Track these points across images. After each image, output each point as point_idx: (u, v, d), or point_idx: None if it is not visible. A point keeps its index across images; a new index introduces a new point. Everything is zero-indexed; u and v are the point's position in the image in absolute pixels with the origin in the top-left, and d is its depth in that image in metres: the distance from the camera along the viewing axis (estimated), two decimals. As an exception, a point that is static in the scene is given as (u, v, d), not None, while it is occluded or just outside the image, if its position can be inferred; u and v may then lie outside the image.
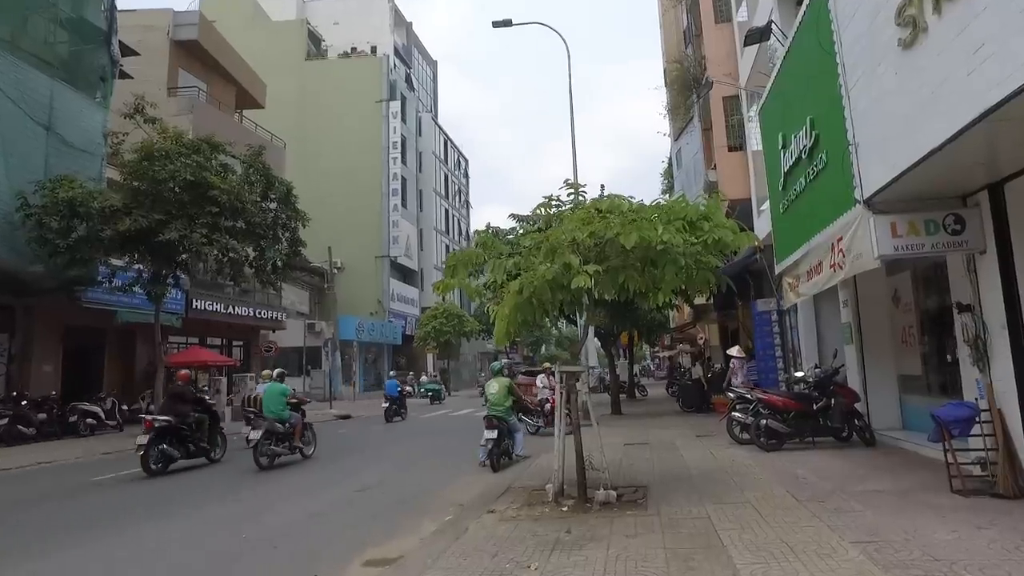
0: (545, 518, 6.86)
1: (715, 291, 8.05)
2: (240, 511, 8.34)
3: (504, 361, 12.26)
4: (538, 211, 8.52)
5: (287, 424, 12.41)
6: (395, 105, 45.24)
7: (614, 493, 7.53)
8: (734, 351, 19.10)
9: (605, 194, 11.96)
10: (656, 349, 43.98)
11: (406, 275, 48.13)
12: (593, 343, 16.39)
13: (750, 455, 10.10)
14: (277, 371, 13.84)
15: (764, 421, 10.27)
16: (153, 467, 11.31)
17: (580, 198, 8.32)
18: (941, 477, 7.27)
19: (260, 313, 28.45)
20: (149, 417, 11.89)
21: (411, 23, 57.91)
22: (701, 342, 33.97)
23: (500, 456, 11.07)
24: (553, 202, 8.24)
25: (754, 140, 17.07)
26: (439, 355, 45.48)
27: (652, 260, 7.24)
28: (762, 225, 15.67)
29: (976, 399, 7.11)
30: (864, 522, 5.82)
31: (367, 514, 7.96)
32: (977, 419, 6.77)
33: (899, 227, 7.17)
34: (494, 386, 11.57)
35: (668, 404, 21.63)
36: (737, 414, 11.29)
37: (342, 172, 42.89)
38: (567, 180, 8.36)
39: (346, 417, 25.52)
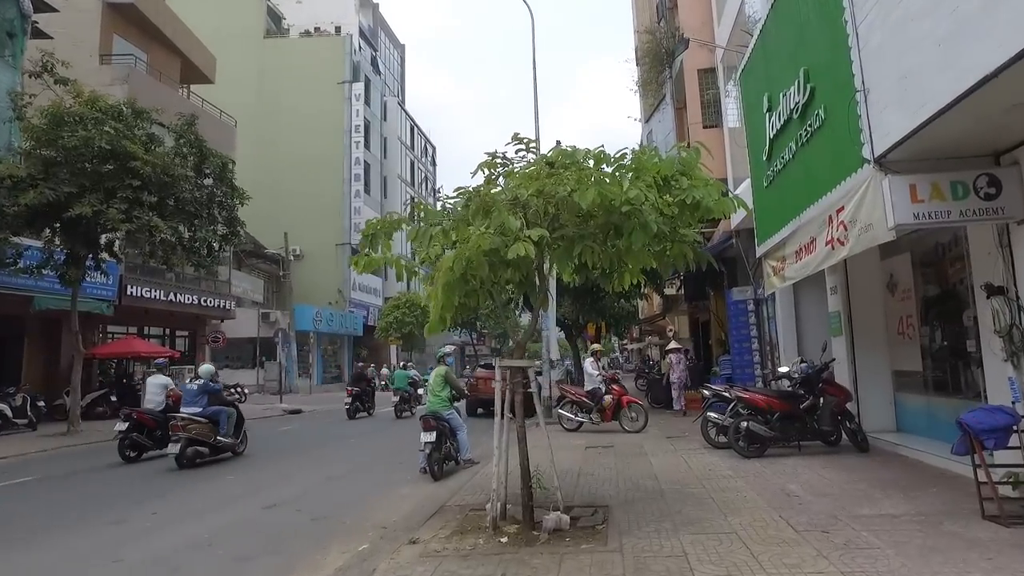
0: (477, 554, 5.32)
1: (693, 269, 6.56)
2: (112, 537, 6.65)
3: (449, 348, 10.66)
4: (481, 170, 6.94)
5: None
6: (359, 87, 43.16)
7: (567, 518, 6.03)
8: (672, 345, 18.39)
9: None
10: (625, 341, 42.78)
11: (370, 264, 46.18)
12: (554, 334, 14.84)
13: (729, 462, 8.68)
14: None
15: (744, 424, 8.86)
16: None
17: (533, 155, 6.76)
18: (963, 496, 5.93)
19: (206, 301, 26.43)
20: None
21: (378, 4, 55.72)
22: (671, 334, 32.79)
23: (442, 462, 9.54)
24: (498, 159, 6.65)
25: (731, 117, 15.71)
26: (403, 347, 43.71)
27: (616, 227, 5.72)
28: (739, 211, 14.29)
29: (1013, 402, 5.73)
30: (889, 567, 4.38)
31: (264, 540, 6.35)
32: (1015, 428, 5.38)
33: (920, 190, 5.75)
34: (432, 377, 10.04)
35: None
36: (713, 415, 9.89)
37: (302, 156, 40.74)
38: (516, 134, 6.74)
39: (296, 412, 23.73)
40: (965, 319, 7.89)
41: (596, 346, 14.10)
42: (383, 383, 40.00)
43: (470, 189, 5.71)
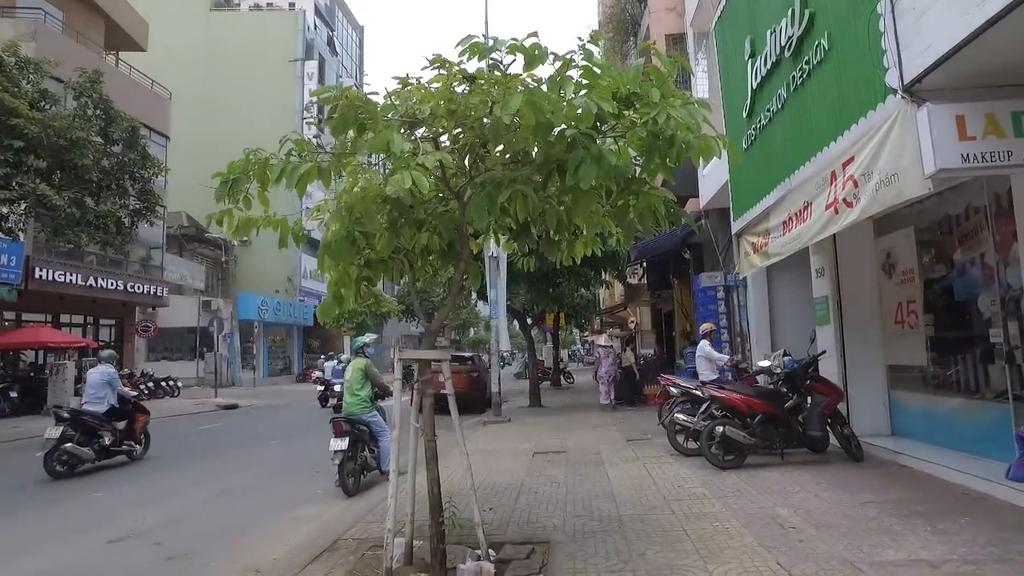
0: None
1: (666, 228, 4.97)
2: None
3: (369, 337, 8.78)
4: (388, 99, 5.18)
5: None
6: (311, 65, 40.77)
7: (490, 566, 4.39)
8: (601, 339, 17.49)
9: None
10: (586, 333, 41.40)
11: (322, 251, 43.90)
12: (504, 323, 13.17)
13: (701, 475, 7.14)
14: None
15: (720, 428, 7.31)
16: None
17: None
18: (1012, 530, 4.46)
19: (134, 287, 24.09)
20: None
21: (335, -18, 53.15)
22: (632, 326, 31.46)
23: (360, 473, 7.84)
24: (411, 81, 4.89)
25: (701, 87, 14.21)
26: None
27: (559, 166, 4.06)
28: (709, 187, 12.85)
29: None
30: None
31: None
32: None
33: (970, 124, 4.23)
34: (349, 372, 8.28)
35: (595, 394, 18.77)
36: (682, 417, 8.36)
37: (250, 136, 37.81)
38: (435, 55, 4.95)
39: (231, 407, 21.64)
40: (983, 304, 6.47)
41: (708, 325, 11.91)
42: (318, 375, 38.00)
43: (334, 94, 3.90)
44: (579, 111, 3.52)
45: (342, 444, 7.56)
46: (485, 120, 3.90)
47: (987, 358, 6.46)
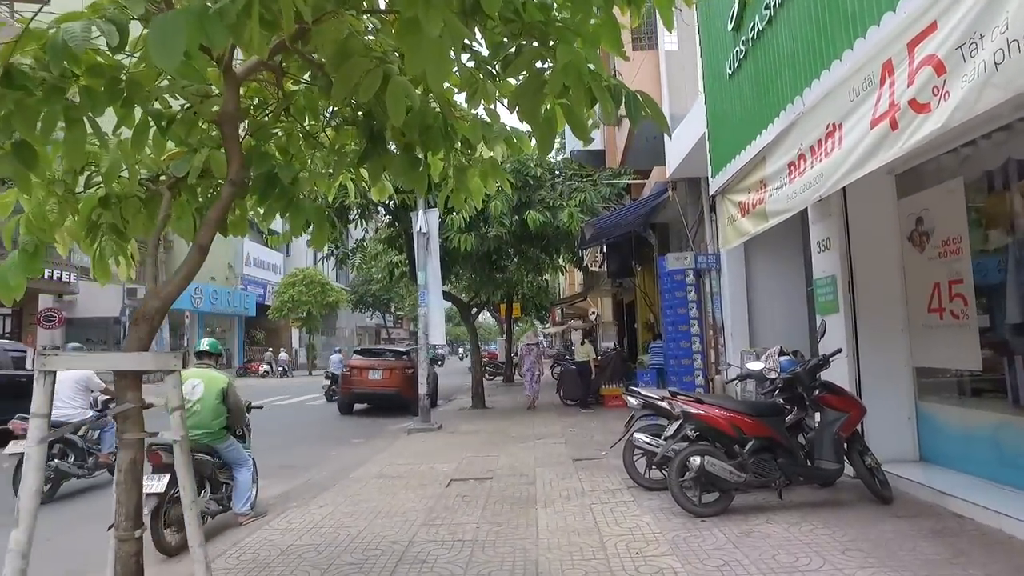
0: None
1: (611, 122, 2.66)
2: None
3: (206, 343, 6.22)
4: None
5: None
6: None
7: None
8: (525, 337, 16.42)
9: None
10: (547, 325, 39.23)
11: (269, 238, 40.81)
12: (438, 311, 10.76)
13: (671, 530, 4.86)
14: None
15: (698, 460, 5.03)
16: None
17: None
18: None
19: (33, 271, 20.99)
20: None
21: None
22: (592, 317, 29.35)
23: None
24: None
25: (667, 37, 11.94)
26: (312, 329, 38.66)
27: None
28: (677, 152, 10.64)
29: None
30: None
31: None
32: None
33: None
34: (192, 386, 5.78)
35: (549, 392, 16.53)
36: (643, 438, 6.09)
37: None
38: None
39: (146, 407, 18.77)
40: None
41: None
42: (281, 368, 35.15)
43: None
44: None
45: (158, 484, 5.11)
46: None
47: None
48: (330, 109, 3.71)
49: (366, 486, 6.96)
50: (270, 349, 36.86)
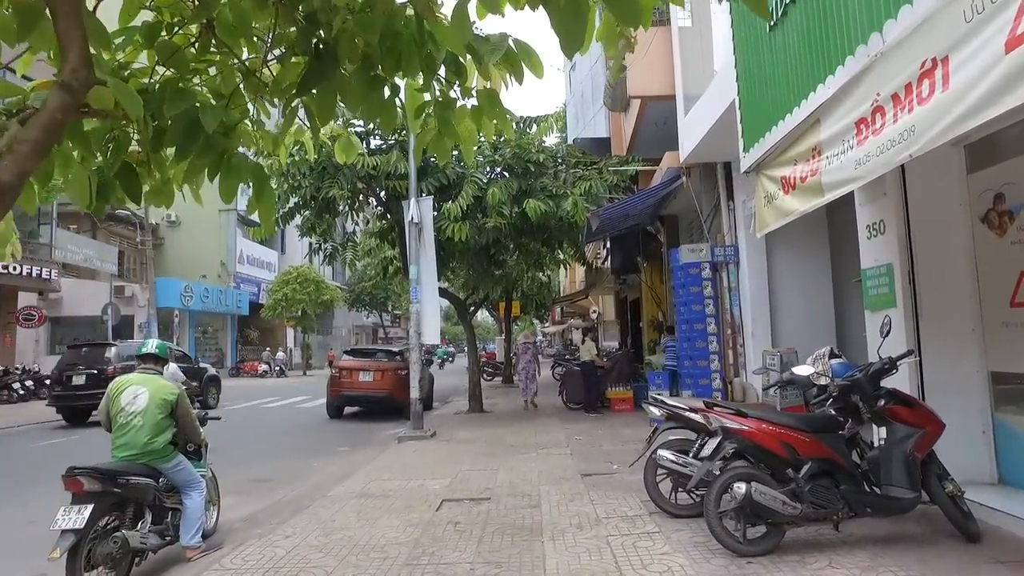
0: None
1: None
2: None
3: (152, 343, 5.22)
4: None
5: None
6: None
7: None
8: (521, 337, 16.00)
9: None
10: (546, 324, 38.24)
11: (263, 235, 39.80)
12: (432, 307, 9.75)
13: (711, 573, 3.89)
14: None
15: (743, 487, 4.04)
16: None
17: None
18: None
19: (11, 268, 19.99)
20: None
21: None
22: (594, 316, 28.39)
23: (121, 561, 4.38)
24: None
25: (679, 12, 10.94)
26: (306, 329, 37.52)
27: None
28: (692, 134, 9.68)
29: None
30: None
31: None
32: None
33: None
34: (134, 395, 4.78)
35: (550, 394, 15.53)
36: (668, 456, 5.09)
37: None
38: None
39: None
40: None
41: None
42: (278, 368, 34.09)
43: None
44: None
45: (76, 519, 4.10)
46: None
47: None
48: (269, 36, 2.73)
49: (344, 508, 5.98)
50: (268, 348, 35.84)
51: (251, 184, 2.90)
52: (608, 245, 18.67)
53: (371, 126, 11.41)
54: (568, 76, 19.03)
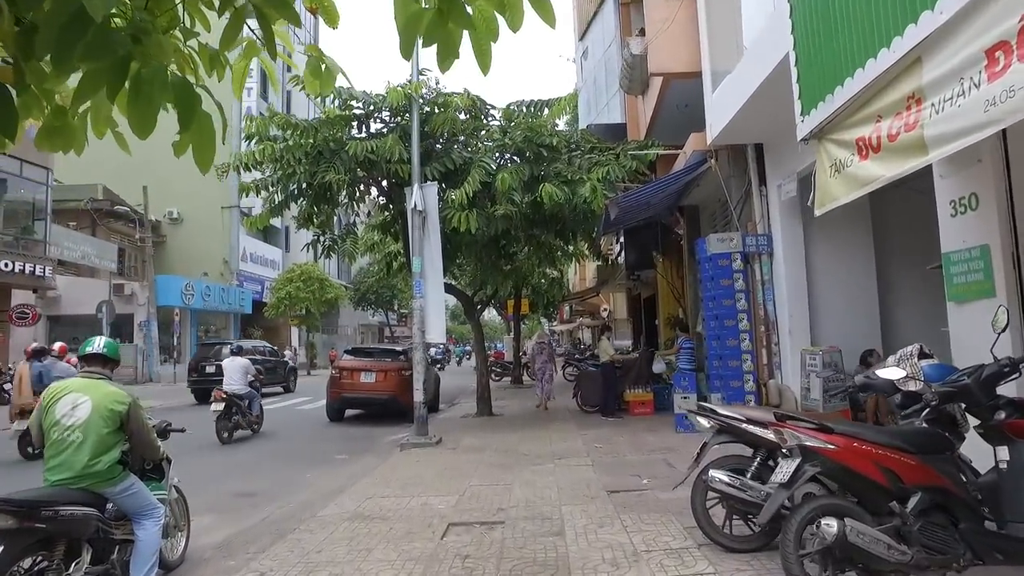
0: None
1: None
2: None
3: (100, 341, 4.43)
4: None
5: None
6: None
7: None
8: (536, 336, 15.74)
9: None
10: (554, 323, 37.28)
11: (267, 232, 38.90)
12: (437, 304, 8.83)
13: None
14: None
15: (834, 527, 3.10)
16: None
17: None
18: None
19: (3, 265, 19.19)
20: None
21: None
22: (604, 314, 27.43)
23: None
24: None
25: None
26: (311, 328, 36.68)
27: None
28: (723, 110, 8.78)
29: None
30: None
31: None
32: None
33: None
34: (72, 404, 3.88)
35: (562, 396, 14.60)
36: (723, 478, 4.13)
37: (180, 101, 32.98)
38: None
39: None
40: None
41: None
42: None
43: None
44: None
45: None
46: None
47: None
48: None
49: (333, 535, 5.07)
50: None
51: (175, 110, 2.03)
52: (622, 240, 17.72)
53: (371, 107, 10.54)
54: (580, 63, 18.12)
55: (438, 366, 27.27)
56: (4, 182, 19.92)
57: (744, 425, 4.07)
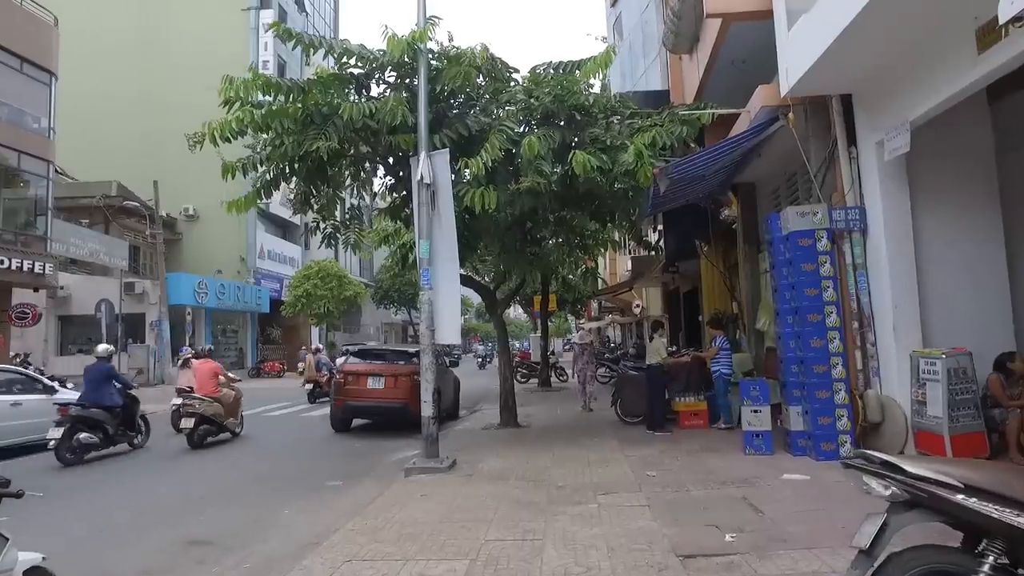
0: None
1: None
2: None
3: None
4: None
5: None
6: (267, 15, 34.28)
7: None
8: (576, 336, 14.82)
9: None
10: (582, 321, 35.31)
11: (286, 229, 37.62)
12: (449, 295, 7.05)
13: None
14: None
15: None
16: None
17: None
18: None
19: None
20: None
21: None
22: (637, 311, 25.45)
23: None
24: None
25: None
26: (330, 327, 35.25)
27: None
28: (801, 58, 6.92)
29: None
30: None
31: None
32: None
33: None
34: None
35: (601, 401, 12.74)
36: None
37: (197, 98, 31.79)
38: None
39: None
40: None
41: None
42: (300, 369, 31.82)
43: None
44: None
45: None
46: None
47: None
48: None
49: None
50: (304, 347, 33.57)
51: None
52: (659, 227, 15.79)
53: (372, 64, 8.83)
54: (613, 30, 16.23)
55: (454, 366, 25.45)
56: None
57: (973, 504, 2.22)
